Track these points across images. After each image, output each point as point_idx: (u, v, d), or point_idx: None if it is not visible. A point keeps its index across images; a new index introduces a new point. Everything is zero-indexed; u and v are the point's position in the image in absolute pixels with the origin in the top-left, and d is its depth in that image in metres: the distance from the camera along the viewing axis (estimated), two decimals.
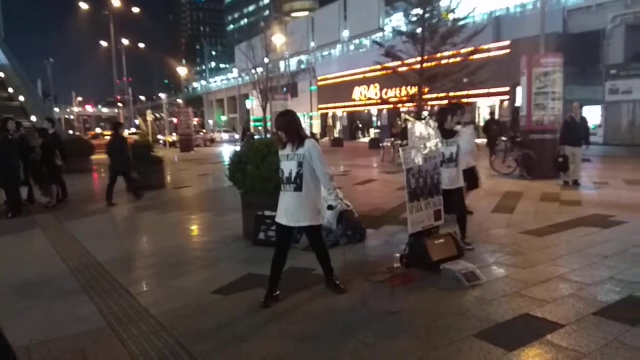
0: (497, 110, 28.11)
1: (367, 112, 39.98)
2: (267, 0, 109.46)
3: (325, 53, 48.61)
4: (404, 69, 18.87)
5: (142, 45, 59.10)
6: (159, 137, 43.36)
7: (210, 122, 71.45)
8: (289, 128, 4.11)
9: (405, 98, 20.79)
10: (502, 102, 28.00)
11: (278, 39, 33.50)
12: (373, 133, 36.26)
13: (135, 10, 44.08)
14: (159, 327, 3.78)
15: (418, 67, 18.15)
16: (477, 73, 18.10)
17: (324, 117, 44.79)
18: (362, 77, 35.33)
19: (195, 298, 4.40)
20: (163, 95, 69.42)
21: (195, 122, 52.15)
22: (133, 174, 10.83)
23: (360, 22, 41.91)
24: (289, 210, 4.12)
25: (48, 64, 61.24)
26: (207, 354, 3.33)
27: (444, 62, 18.21)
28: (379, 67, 20.16)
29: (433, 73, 17.97)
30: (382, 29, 38.77)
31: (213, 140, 44.06)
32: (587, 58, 23.94)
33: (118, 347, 3.48)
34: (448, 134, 5.50)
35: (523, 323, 3.61)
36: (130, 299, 4.43)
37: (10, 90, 39.57)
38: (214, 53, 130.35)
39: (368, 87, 35.89)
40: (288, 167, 4.10)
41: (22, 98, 38.53)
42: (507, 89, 25.95)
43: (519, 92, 15.61)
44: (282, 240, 4.28)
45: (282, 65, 39.07)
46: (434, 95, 18.60)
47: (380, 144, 21.30)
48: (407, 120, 19.14)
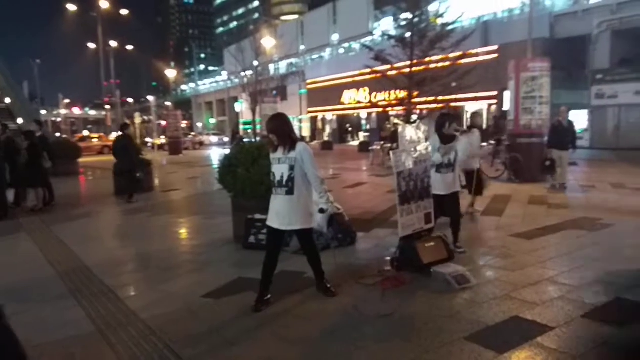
0: (484, 115, 28.31)
1: (356, 115, 40.07)
2: (256, 4, 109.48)
3: (315, 56, 48.65)
4: (394, 73, 18.92)
5: (130, 48, 58.64)
6: (147, 140, 43.06)
7: (199, 125, 71.08)
8: (281, 131, 4.11)
9: (395, 102, 20.81)
10: (489, 106, 28.22)
11: (268, 42, 33.47)
12: (362, 136, 36.36)
13: (124, 12, 43.74)
14: (149, 331, 3.74)
15: (407, 71, 18.23)
16: (465, 77, 18.20)
17: (314, 120, 44.81)
18: (351, 80, 35.42)
19: (186, 302, 4.37)
20: (151, 98, 68.98)
21: (184, 125, 51.86)
22: (138, 174, 10.92)
23: (350, 26, 42.01)
24: (281, 214, 4.11)
25: (35, 66, 60.63)
26: (197, 358, 3.31)
27: (433, 66, 18.29)
28: (369, 70, 20.20)
29: (422, 77, 18.04)
30: (371, 33, 38.86)
31: (202, 144, 43.90)
32: (573, 63, 24.24)
33: (107, 352, 3.44)
34: (447, 140, 5.50)
35: (513, 326, 3.64)
36: (119, 304, 4.38)
37: None
38: (203, 56, 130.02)
39: (357, 90, 36.00)
40: (280, 170, 4.09)
41: (8, 100, 38.07)
42: (495, 94, 26.16)
43: (507, 96, 15.76)
44: (273, 244, 4.26)
45: (271, 68, 38.97)
46: (423, 99, 18.69)
47: (370, 148, 21.37)
48: (396, 124, 19.21)
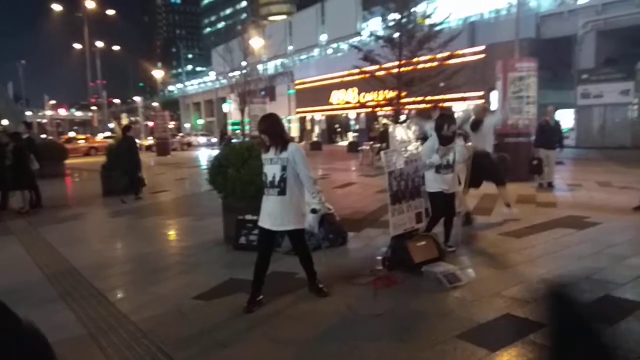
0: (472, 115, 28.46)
1: (345, 116, 40.11)
2: (244, 4, 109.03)
3: (304, 57, 48.60)
4: (382, 73, 19.01)
5: (116, 48, 58.18)
6: (135, 140, 42.65)
7: (187, 125, 70.64)
8: (273, 131, 4.09)
9: (383, 102, 20.92)
10: (484, 105, 28.41)
11: (256, 43, 33.37)
12: (351, 137, 36.40)
13: (110, 13, 43.42)
14: (140, 334, 3.71)
15: (396, 71, 18.33)
16: (453, 78, 18.37)
17: (302, 121, 44.78)
18: (340, 81, 35.42)
19: (176, 304, 4.34)
20: (138, 99, 68.42)
21: (172, 125, 51.51)
22: (140, 175, 11.30)
23: (338, 26, 42.01)
24: (273, 214, 4.10)
25: (19, 66, 59.85)
26: None
27: (421, 66, 18.43)
28: (357, 71, 20.28)
29: (410, 77, 18.17)
30: (359, 34, 38.95)
31: (190, 144, 43.58)
32: (559, 63, 24.47)
33: (98, 355, 3.41)
34: (446, 141, 5.49)
35: (505, 323, 3.67)
36: (110, 306, 4.34)
37: None
38: (191, 56, 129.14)
39: (346, 91, 36.01)
40: (271, 170, 4.08)
41: None
42: (482, 94, 26.34)
43: (494, 96, 15.88)
44: (265, 245, 4.25)
45: (260, 69, 38.85)
46: (412, 100, 18.79)
47: (359, 148, 21.41)
48: (385, 124, 19.27)
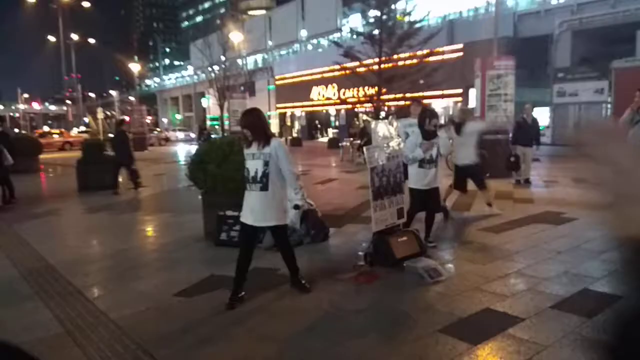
0: (450, 112, 28.81)
1: (325, 112, 40.11)
2: None
3: (284, 52, 48.39)
4: (362, 70, 19.06)
5: (92, 41, 56.94)
6: (111, 135, 41.93)
7: (165, 120, 69.68)
8: (255, 127, 4.06)
9: (364, 98, 20.99)
10: (455, 103, 28.74)
11: (235, 37, 33.05)
12: (332, 133, 36.42)
13: (86, 5, 42.43)
14: (120, 331, 3.65)
15: (376, 68, 18.39)
16: (432, 75, 18.53)
17: (283, 116, 44.61)
18: (320, 77, 35.41)
19: (157, 301, 4.28)
20: (114, 93, 67.19)
21: (149, 120, 50.75)
22: (134, 167, 11.73)
23: (318, 22, 41.92)
24: (255, 210, 4.06)
25: None
26: (172, 358, 3.25)
27: (401, 63, 18.53)
28: (338, 67, 20.29)
29: (390, 74, 18.25)
30: (339, 30, 38.97)
31: (168, 140, 43.05)
32: (536, 61, 24.91)
33: (77, 354, 3.33)
34: (429, 135, 5.50)
35: (485, 317, 3.72)
36: (88, 304, 4.25)
37: None
38: (168, 50, 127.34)
39: (326, 87, 36.00)
40: (254, 166, 4.04)
41: None
42: (460, 91, 26.65)
43: (472, 94, 16.08)
44: (247, 241, 4.22)
45: (239, 64, 38.50)
46: (392, 96, 18.89)
47: (340, 144, 21.45)
48: (365, 121, 19.34)
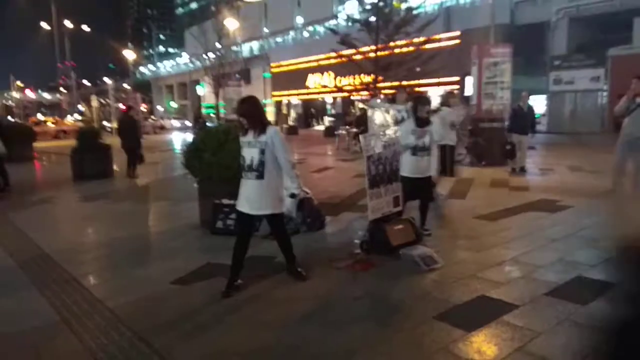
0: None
1: (321, 100, 39.96)
2: None
3: (279, 39, 48.01)
4: (359, 58, 18.94)
5: (86, 28, 56.33)
6: (105, 123, 41.66)
7: (160, 108, 69.22)
8: (251, 114, 4.03)
9: (360, 86, 20.89)
10: (452, 91, 28.68)
11: (231, 24, 32.75)
12: (328, 121, 36.32)
13: None
14: (116, 319, 3.66)
15: (372, 55, 18.28)
16: (429, 63, 18.44)
17: (279, 104, 44.41)
18: (316, 64, 35.18)
19: (154, 289, 4.28)
20: (109, 80, 66.60)
21: (144, 108, 50.43)
22: (141, 152, 12.09)
23: (314, 8, 41.55)
24: (251, 198, 4.06)
25: None
26: (169, 346, 3.25)
27: (398, 51, 18.44)
28: (334, 55, 20.16)
29: (387, 62, 18.16)
30: (336, 17, 38.67)
31: (163, 128, 42.92)
32: (533, 49, 24.83)
33: (74, 341, 3.34)
34: (422, 123, 5.48)
35: (480, 304, 3.74)
36: (84, 292, 4.25)
37: None
38: (163, 37, 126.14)
39: (322, 74, 35.81)
40: (250, 154, 4.03)
41: None
42: (457, 79, 26.57)
43: (469, 82, 16.03)
44: (244, 229, 4.22)
45: (235, 51, 38.21)
46: (388, 84, 18.81)
47: (336, 132, 21.40)
48: (363, 109, 19.28)
